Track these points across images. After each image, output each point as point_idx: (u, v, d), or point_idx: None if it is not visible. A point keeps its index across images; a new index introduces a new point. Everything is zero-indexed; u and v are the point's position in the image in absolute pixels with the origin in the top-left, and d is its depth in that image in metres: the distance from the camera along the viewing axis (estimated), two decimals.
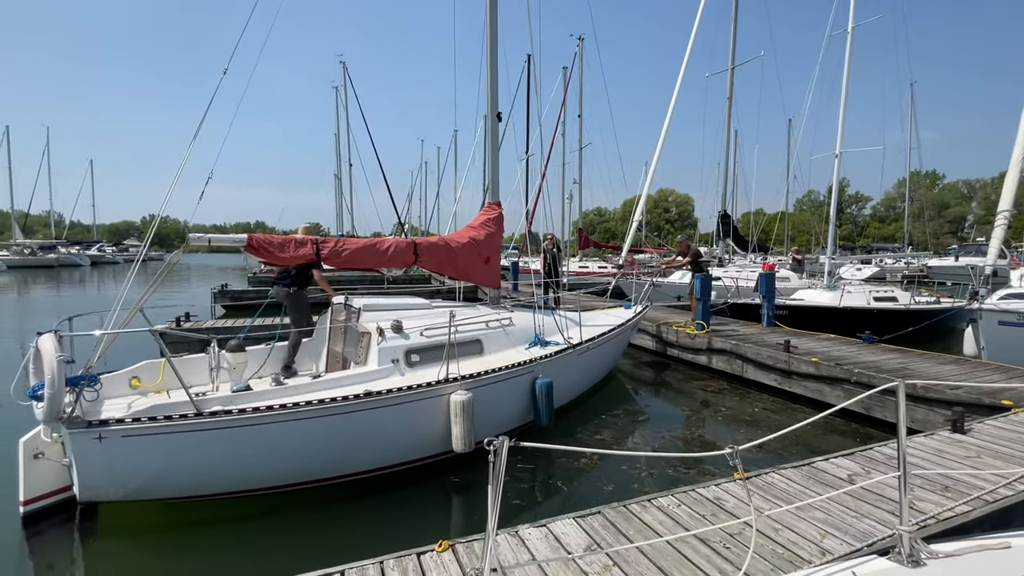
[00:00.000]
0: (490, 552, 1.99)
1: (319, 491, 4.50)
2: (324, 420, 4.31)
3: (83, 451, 3.67)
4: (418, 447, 4.90)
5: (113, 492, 3.86)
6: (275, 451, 4.22)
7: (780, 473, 3.90)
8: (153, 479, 3.92)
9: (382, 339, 5.15)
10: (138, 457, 3.81)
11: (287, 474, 4.37)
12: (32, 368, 3.99)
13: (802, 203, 51.25)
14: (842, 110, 13.21)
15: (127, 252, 60.16)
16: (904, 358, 7.54)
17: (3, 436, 5.24)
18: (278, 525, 4.13)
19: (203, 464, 4.02)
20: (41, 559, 3.67)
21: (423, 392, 4.74)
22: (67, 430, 3.65)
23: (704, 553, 2.88)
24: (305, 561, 2.84)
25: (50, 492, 4.03)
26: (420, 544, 2.93)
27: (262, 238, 5.13)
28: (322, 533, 4.04)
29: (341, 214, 29.93)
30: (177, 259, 4.81)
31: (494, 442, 2.08)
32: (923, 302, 12.24)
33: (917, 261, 27.49)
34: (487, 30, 7.38)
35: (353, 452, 4.58)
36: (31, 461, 3.93)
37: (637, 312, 9.02)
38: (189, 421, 3.89)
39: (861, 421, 6.35)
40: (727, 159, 17.95)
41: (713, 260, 18.36)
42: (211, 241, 5.02)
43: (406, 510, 4.41)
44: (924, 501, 3.43)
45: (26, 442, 3.94)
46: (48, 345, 3.64)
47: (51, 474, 4.03)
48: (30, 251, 43.30)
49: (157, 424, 3.82)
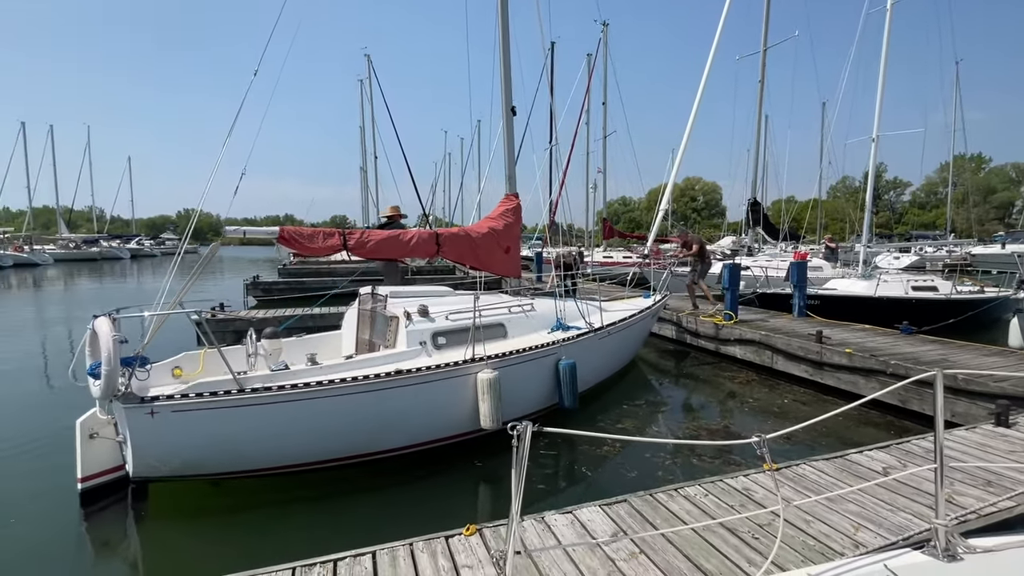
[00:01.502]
0: (514, 535, 2.02)
1: (349, 474, 4.64)
2: (358, 397, 4.50)
3: (137, 426, 3.89)
4: (448, 425, 5.07)
5: (163, 468, 4.08)
6: (313, 427, 4.41)
7: (811, 465, 3.83)
8: (199, 455, 4.14)
9: (409, 322, 5.33)
10: (186, 432, 4.02)
11: (323, 451, 4.56)
12: (89, 350, 4.23)
13: (836, 189, 49.44)
14: (880, 91, 12.63)
15: (163, 245, 62.47)
16: (944, 349, 7.26)
17: (61, 417, 5.59)
18: (311, 507, 4.28)
19: (245, 440, 4.22)
20: (97, 535, 3.90)
21: (452, 371, 4.91)
22: (122, 406, 3.86)
23: (732, 543, 2.86)
24: (337, 541, 2.95)
25: (105, 470, 4.28)
26: (448, 527, 3.00)
27: (292, 230, 5.33)
28: (352, 515, 4.17)
29: (367, 206, 30.31)
30: (215, 251, 4.99)
31: (517, 427, 2.10)
32: (966, 291, 11.70)
33: (960, 249, 26.25)
34: (499, 26, 7.49)
35: (386, 430, 4.77)
36: (87, 440, 4.16)
37: (657, 300, 9.11)
38: (233, 396, 4.10)
39: (897, 414, 6.15)
40: (757, 145, 17.43)
41: (742, 249, 17.94)
42: (246, 234, 5.25)
43: (434, 494, 4.51)
44: (964, 496, 3.32)
45: (82, 422, 4.18)
46: (104, 327, 3.86)
47: (106, 453, 4.27)
48: (75, 245, 45.36)
49: (204, 400, 4.03)
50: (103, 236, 51.91)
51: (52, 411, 6.38)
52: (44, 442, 5.40)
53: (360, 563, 2.70)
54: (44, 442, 5.40)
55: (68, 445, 4.25)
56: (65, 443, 4.41)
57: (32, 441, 5.48)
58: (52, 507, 4.16)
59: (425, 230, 6.51)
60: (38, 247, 41.53)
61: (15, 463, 5.02)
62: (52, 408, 6.60)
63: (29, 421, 6.19)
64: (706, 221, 64.15)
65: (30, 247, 39.96)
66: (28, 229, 43.82)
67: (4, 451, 5.28)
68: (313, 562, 2.70)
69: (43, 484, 4.50)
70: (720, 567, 2.65)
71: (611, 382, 7.58)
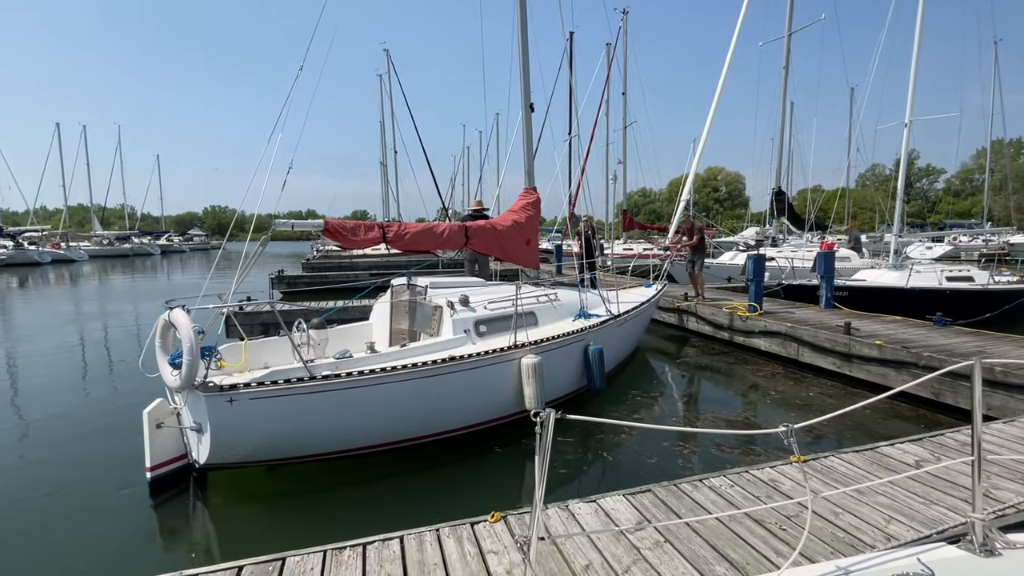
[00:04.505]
0: (537, 521, 2.04)
1: (382, 461, 4.75)
2: (418, 382, 4.68)
3: (217, 414, 3.97)
4: (495, 408, 5.30)
5: (235, 454, 4.20)
6: (375, 412, 4.58)
7: (840, 457, 3.77)
8: (269, 441, 4.27)
9: (454, 312, 5.57)
10: (261, 419, 4.14)
11: (381, 434, 4.72)
12: (159, 341, 4.37)
13: (864, 177, 47.85)
14: (912, 74, 12.15)
15: (192, 241, 64.20)
16: (981, 341, 7.01)
17: (125, 407, 5.86)
18: (347, 493, 4.39)
19: (312, 425, 4.35)
20: (165, 523, 3.98)
21: (499, 356, 5.15)
22: (203, 394, 3.93)
23: (759, 534, 2.84)
24: (367, 526, 3.03)
25: (171, 459, 4.40)
26: (472, 514, 3.05)
27: (336, 223, 5.49)
28: (379, 501, 4.25)
29: (387, 200, 30.58)
30: (266, 245, 5.10)
31: (540, 414, 2.11)
32: (1004, 282, 11.26)
33: (997, 238, 25.20)
34: (517, 24, 7.56)
35: (439, 413, 4.98)
36: (154, 430, 4.27)
37: (659, 289, 9.59)
38: (307, 383, 4.22)
39: (930, 407, 5.98)
40: (782, 133, 16.95)
41: (766, 240, 17.57)
42: (294, 227, 5.38)
43: (459, 481, 4.57)
44: (1002, 490, 3.22)
45: (150, 412, 4.24)
46: (183, 318, 3.98)
47: (171, 442, 4.41)
48: (108, 242, 46.98)
49: (280, 387, 4.15)
50: (134, 233, 53.62)
51: (113, 400, 6.73)
52: (106, 432, 5.61)
53: (388, 547, 2.76)
54: (106, 432, 5.61)
55: (124, 434, 4.34)
56: (122, 432, 4.49)
57: (96, 431, 5.71)
58: (122, 498, 4.24)
59: (456, 223, 6.70)
60: (74, 244, 43.12)
61: (81, 452, 5.18)
62: (114, 397, 6.96)
63: (89, 411, 6.44)
64: (729, 212, 62.91)
65: (67, 244, 41.52)
66: (64, 227, 45.46)
67: (71, 439, 5.50)
68: (343, 545, 2.77)
69: (112, 474, 4.61)
70: (747, 557, 2.63)
71: (635, 373, 7.75)
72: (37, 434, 5.72)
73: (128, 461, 4.60)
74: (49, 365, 8.71)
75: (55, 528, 3.83)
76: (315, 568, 2.60)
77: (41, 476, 4.63)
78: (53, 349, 9.88)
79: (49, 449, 5.27)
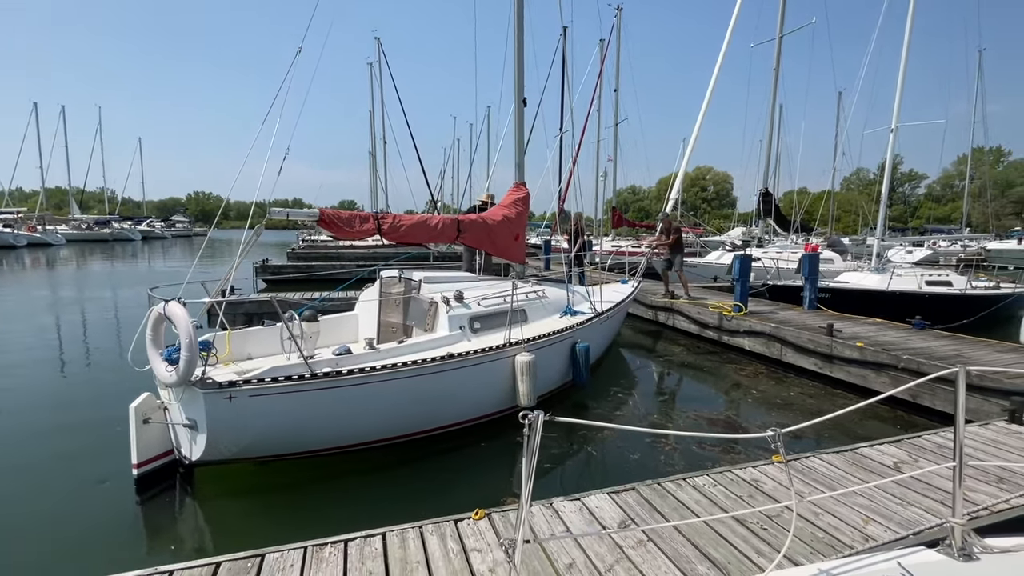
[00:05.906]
0: (524, 524, 2.03)
1: (370, 456, 4.69)
2: (418, 379, 4.66)
3: (214, 410, 3.84)
4: (489, 403, 5.32)
5: (229, 451, 4.08)
6: (374, 409, 4.52)
7: (821, 458, 3.82)
8: (264, 438, 4.15)
9: (449, 308, 5.55)
10: (259, 416, 4.03)
11: (378, 431, 4.67)
12: (151, 335, 4.18)
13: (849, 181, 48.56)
14: (900, 80, 12.33)
15: (174, 227, 62.88)
16: (958, 345, 7.17)
17: (107, 400, 5.68)
18: (335, 488, 4.33)
19: (310, 422, 4.27)
20: (150, 520, 3.85)
21: (495, 354, 5.19)
22: (200, 391, 3.80)
23: (741, 533, 2.86)
24: (353, 522, 2.99)
25: (158, 455, 4.26)
26: (457, 510, 3.02)
27: (332, 213, 5.41)
28: (364, 498, 4.20)
29: (375, 191, 30.23)
30: (260, 233, 4.93)
31: (529, 416, 2.09)
32: (981, 287, 11.53)
33: (975, 243, 25.79)
34: (514, 20, 7.53)
35: (437, 409, 4.98)
36: (141, 426, 4.10)
37: (635, 287, 9.90)
38: (307, 381, 4.13)
39: (907, 409, 6.11)
40: (770, 135, 17.07)
41: (752, 240, 17.75)
42: (289, 215, 5.25)
43: (442, 477, 4.54)
44: (976, 492, 3.29)
45: (136, 407, 4.09)
46: (180, 311, 3.83)
47: (158, 438, 4.26)
48: (87, 226, 45.83)
49: (280, 384, 4.04)
50: (114, 217, 52.42)
51: (95, 392, 6.56)
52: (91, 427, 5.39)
53: (370, 544, 2.73)
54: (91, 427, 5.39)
55: (107, 428, 4.19)
56: (104, 426, 4.33)
57: (83, 425, 5.51)
58: (107, 493, 4.12)
59: (448, 216, 6.64)
60: (51, 227, 41.99)
61: (65, 446, 5.00)
62: (96, 389, 6.80)
63: (73, 404, 6.24)
64: (716, 211, 63.48)
65: (43, 227, 40.41)
66: (41, 209, 44.24)
67: (49, 432, 5.33)
68: (324, 542, 2.73)
69: (96, 469, 4.45)
70: (728, 556, 2.65)
71: (623, 371, 7.90)
72: (10, 428, 5.53)
73: (111, 457, 4.43)
74: (25, 353, 8.45)
75: (35, 527, 3.70)
76: (295, 565, 2.56)
77: (21, 472, 4.50)
78: (29, 336, 9.61)
79: (27, 444, 5.09)
